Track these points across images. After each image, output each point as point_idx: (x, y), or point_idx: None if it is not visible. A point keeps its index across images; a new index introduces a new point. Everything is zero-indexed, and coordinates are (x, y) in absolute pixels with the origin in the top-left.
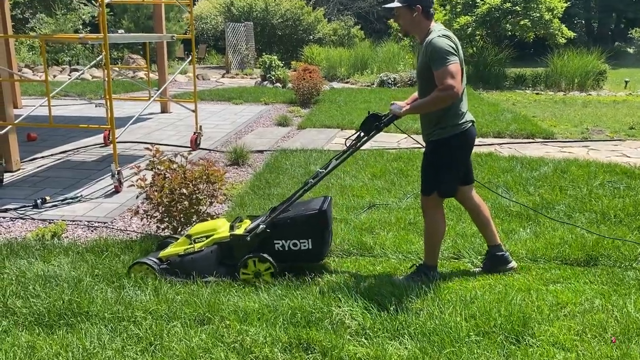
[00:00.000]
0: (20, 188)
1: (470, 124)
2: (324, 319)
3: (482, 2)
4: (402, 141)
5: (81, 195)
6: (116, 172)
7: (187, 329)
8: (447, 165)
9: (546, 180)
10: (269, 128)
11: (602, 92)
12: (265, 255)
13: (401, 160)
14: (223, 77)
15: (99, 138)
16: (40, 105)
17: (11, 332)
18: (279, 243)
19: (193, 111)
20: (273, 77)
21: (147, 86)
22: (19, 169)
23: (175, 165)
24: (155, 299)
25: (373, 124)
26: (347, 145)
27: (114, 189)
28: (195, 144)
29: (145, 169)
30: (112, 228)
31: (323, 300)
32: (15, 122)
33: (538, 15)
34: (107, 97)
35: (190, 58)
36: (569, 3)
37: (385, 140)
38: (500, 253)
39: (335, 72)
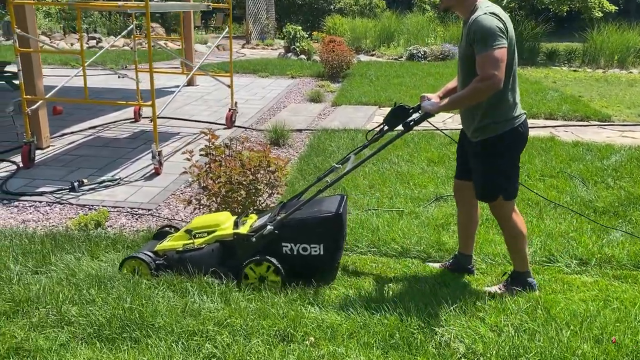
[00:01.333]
0: (53, 167)
1: (524, 116)
2: (427, 341)
3: None
4: (448, 121)
5: (120, 178)
6: (157, 153)
7: (270, 349)
8: (505, 164)
9: (624, 170)
10: (301, 104)
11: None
12: (273, 260)
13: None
14: (243, 47)
15: (128, 112)
16: (76, 76)
17: (70, 346)
18: (287, 246)
19: (228, 86)
20: (297, 49)
21: (180, 56)
22: (48, 146)
23: (229, 151)
24: (225, 307)
25: (400, 119)
26: (368, 139)
27: (153, 171)
28: (230, 122)
29: (200, 154)
30: (158, 216)
31: (420, 317)
32: (47, 96)
33: None
34: (150, 69)
35: (219, 24)
36: None
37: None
38: (469, 266)
39: (360, 44)
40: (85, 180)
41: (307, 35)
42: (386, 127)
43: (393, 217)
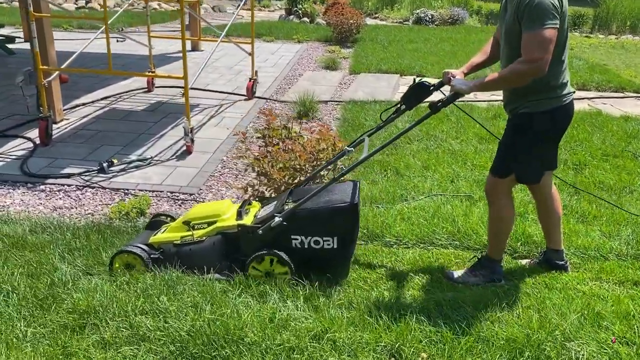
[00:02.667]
0: (73, 145)
1: (572, 97)
2: (561, 359)
3: None
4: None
5: (150, 157)
6: (189, 131)
7: None
8: (539, 145)
9: None
10: (318, 72)
11: None
12: (282, 255)
13: (501, 118)
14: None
15: (138, 81)
16: (96, 38)
17: None
18: (297, 239)
19: (249, 54)
20: (300, 11)
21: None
22: (62, 120)
23: (286, 132)
24: (316, 316)
25: (419, 98)
26: (383, 119)
27: (185, 149)
28: (251, 92)
29: (257, 136)
30: (202, 200)
31: (545, 327)
32: (63, 66)
33: None
34: (181, 37)
35: None
36: None
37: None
38: (561, 262)
39: (362, 5)
40: (115, 161)
41: None
42: (403, 107)
43: (464, 203)
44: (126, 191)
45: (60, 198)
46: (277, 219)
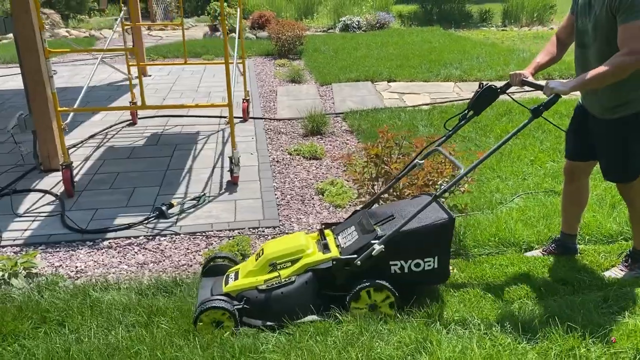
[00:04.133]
0: (102, 192)
1: None
2: None
3: None
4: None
5: (204, 194)
6: (238, 161)
7: None
8: None
9: None
10: (287, 86)
11: (555, 25)
12: (384, 282)
13: (514, 113)
14: (149, 29)
15: (111, 115)
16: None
17: None
18: (396, 264)
19: (242, 74)
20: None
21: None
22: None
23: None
24: None
25: (487, 101)
26: (448, 128)
27: (230, 180)
28: (247, 113)
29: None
30: (290, 231)
31: None
32: (75, 106)
33: None
34: (225, 61)
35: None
36: None
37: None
38: (575, 245)
39: (280, 17)
40: (174, 203)
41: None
42: (471, 113)
43: (555, 198)
44: (204, 233)
45: (136, 252)
46: (377, 247)
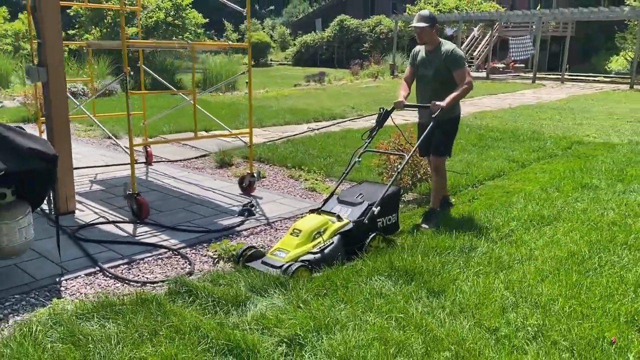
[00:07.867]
0: (159, 216)
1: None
2: None
3: None
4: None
5: (249, 202)
6: (259, 176)
7: None
8: (454, 134)
9: None
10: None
11: (242, 91)
12: (383, 234)
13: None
14: None
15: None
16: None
17: None
18: (380, 221)
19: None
20: None
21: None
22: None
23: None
24: None
25: (386, 118)
26: (364, 138)
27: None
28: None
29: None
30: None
31: None
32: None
33: None
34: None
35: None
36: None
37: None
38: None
39: None
40: (254, 203)
41: None
42: (377, 127)
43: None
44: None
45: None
46: (375, 209)
